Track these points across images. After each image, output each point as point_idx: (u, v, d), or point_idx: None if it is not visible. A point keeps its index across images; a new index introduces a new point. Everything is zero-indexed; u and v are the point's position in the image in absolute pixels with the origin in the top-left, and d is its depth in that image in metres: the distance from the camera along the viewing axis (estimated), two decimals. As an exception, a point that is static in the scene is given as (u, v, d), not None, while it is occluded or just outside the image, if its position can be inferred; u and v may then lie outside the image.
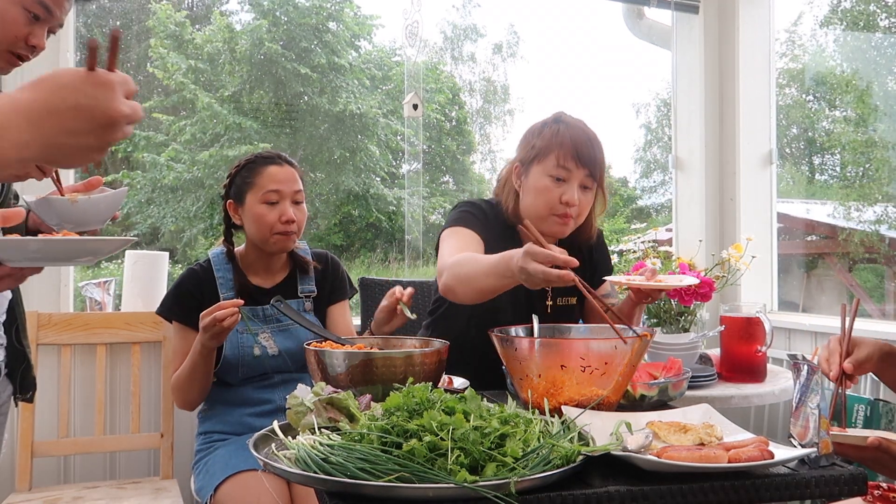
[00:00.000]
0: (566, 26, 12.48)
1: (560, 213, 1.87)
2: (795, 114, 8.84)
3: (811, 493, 1.13)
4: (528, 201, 1.92)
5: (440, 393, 1.18)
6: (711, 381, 2.16)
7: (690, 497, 1.07)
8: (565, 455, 1.08)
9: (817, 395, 1.20)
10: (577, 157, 1.85)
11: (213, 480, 1.87)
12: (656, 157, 10.35)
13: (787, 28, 8.69)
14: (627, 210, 10.09)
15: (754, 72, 3.30)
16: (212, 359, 1.96)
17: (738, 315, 2.22)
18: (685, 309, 2.25)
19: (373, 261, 9.66)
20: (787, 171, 8.67)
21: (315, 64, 10.35)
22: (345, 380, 1.44)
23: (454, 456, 1.00)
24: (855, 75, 8.16)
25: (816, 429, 1.18)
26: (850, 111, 8.43)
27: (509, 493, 0.97)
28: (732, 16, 3.30)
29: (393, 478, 0.98)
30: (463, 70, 10.99)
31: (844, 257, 7.40)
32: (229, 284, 2.06)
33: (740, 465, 1.10)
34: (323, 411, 1.26)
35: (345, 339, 1.71)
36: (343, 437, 1.13)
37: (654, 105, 10.51)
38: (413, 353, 1.46)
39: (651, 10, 3.50)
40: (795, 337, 3.02)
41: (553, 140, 1.88)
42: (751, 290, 3.19)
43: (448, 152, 11.53)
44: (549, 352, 1.39)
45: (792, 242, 7.76)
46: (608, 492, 1.05)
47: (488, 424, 1.08)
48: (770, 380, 2.24)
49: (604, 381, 1.36)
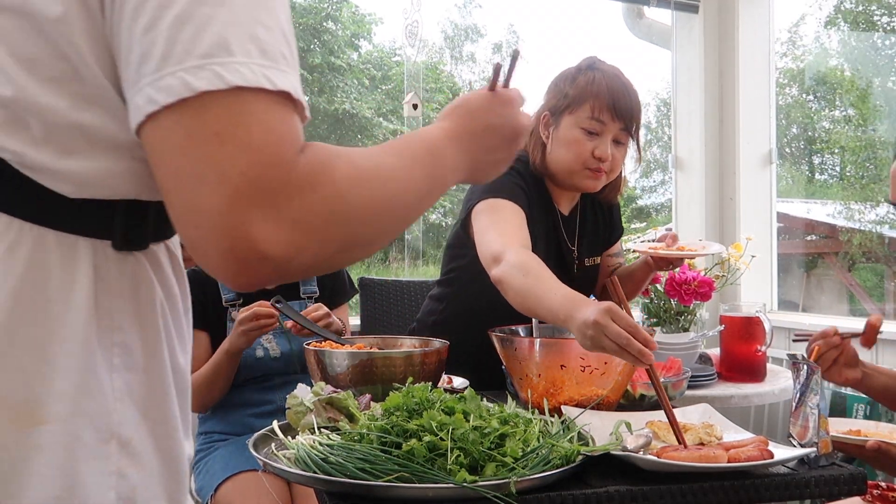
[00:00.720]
0: (566, 26, 12.49)
1: (593, 168, 1.75)
2: (795, 114, 8.84)
3: (811, 493, 1.13)
4: (557, 154, 1.78)
5: (440, 393, 1.18)
6: (711, 381, 2.16)
7: (690, 497, 1.07)
8: (565, 455, 1.08)
9: (817, 395, 1.20)
10: (613, 108, 1.71)
11: (214, 480, 1.87)
12: (656, 157, 10.35)
13: (789, 28, 8.69)
14: (627, 210, 10.09)
15: (754, 72, 3.30)
16: (237, 360, 1.95)
17: (738, 315, 2.22)
18: (685, 308, 2.25)
19: (373, 260, 9.67)
20: (787, 171, 8.67)
21: (313, 64, 10.35)
22: (345, 380, 1.44)
23: (454, 456, 1.00)
24: (855, 75, 8.16)
25: (816, 428, 1.19)
26: (851, 111, 8.42)
27: (509, 493, 0.97)
28: (732, 16, 3.30)
29: (393, 478, 0.98)
30: (463, 70, 10.99)
31: (845, 257, 7.40)
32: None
33: (740, 465, 1.10)
34: (322, 411, 1.26)
35: (345, 339, 1.71)
36: (343, 437, 1.13)
37: (654, 105, 10.51)
38: (413, 353, 1.46)
39: (651, 9, 3.50)
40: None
41: (588, 89, 1.73)
42: (751, 290, 3.19)
43: (448, 152, 11.51)
44: (548, 351, 1.39)
45: (792, 242, 7.76)
46: (608, 492, 1.05)
47: (488, 424, 1.08)
48: (770, 379, 2.24)
49: (603, 381, 1.36)
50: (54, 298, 0.62)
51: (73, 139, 0.62)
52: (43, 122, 0.61)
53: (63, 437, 0.61)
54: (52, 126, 0.61)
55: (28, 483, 0.60)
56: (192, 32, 0.55)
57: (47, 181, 0.61)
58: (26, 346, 0.60)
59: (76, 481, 0.61)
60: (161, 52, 0.55)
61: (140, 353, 0.67)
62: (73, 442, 0.61)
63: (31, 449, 0.60)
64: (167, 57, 0.55)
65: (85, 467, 0.62)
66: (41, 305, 0.61)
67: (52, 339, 0.61)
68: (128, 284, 0.66)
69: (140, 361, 0.67)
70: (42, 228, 0.61)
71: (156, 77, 0.55)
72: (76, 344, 0.62)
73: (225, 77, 0.55)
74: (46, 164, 0.61)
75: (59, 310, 0.62)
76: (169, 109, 0.55)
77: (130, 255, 0.67)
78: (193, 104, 0.55)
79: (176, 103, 0.55)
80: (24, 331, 0.60)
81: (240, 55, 0.56)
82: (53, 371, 0.61)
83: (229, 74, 0.55)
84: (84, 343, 0.63)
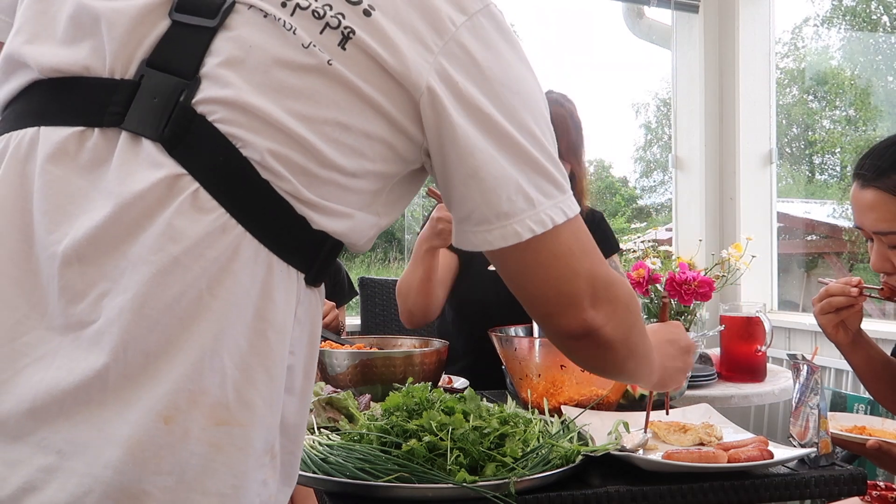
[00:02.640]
0: (566, 26, 12.48)
1: None
2: (795, 113, 8.84)
3: (811, 493, 1.13)
4: None
5: (440, 393, 1.18)
6: (711, 381, 2.15)
7: (690, 497, 1.07)
8: (565, 455, 1.08)
9: (817, 395, 1.20)
10: None
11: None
12: (656, 157, 10.35)
13: (789, 28, 8.69)
14: (628, 210, 10.09)
15: (754, 71, 3.30)
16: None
17: (738, 315, 2.22)
18: (685, 308, 2.25)
19: (373, 260, 9.66)
20: (787, 171, 8.67)
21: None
22: (344, 380, 1.44)
23: (453, 456, 1.00)
24: (854, 76, 8.16)
25: (816, 428, 1.18)
26: (851, 111, 8.42)
27: (509, 494, 0.97)
28: (732, 15, 3.30)
29: (392, 478, 0.98)
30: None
31: (845, 257, 7.39)
32: None
33: (740, 465, 1.10)
34: (322, 411, 1.26)
35: (344, 339, 1.71)
36: (342, 437, 1.13)
37: (654, 105, 10.51)
38: (413, 353, 1.46)
39: (651, 9, 3.50)
40: (795, 336, 3.02)
41: None
42: (751, 290, 3.19)
43: (448, 152, 11.51)
44: (549, 351, 1.39)
45: (792, 242, 7.75)
46: (608, 492, 1.05)
47: (488, 424, 1.08)
48: (770, 379, 2.24)
49: (603, 381, 1.36)
50: (267, 318, 0.68)
51: (338, 193, 0.72)
52: (328, 174, 0.71)
53: (241, 442, 0.66)
54: (331, 180, 0.71)
55: (202, 475, 0.64)
56: (542, 180, 0.76)
57: (303, 208, 0.70)
58: (233, 354, 0.66)
59: (241, 482, 0.66)
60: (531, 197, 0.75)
61: (299, 378, 0.74)
62: (247, 447, 0.66)
63: (211, 445, 0.64)
64: (536, 200, 0.75)
65: (251, 472, 0.67)
66: (255, 322, 0.67)
67: (256, 354, 0.67)
68: (307, 315, 0.74)
69: (297, 385, 0.74)
70: (272, 255, 0.69)
71: (531, 213, 0.75)
72: (273, 363, 0.68)
73: (566, 212, 0.77)
74: (311, 199, 0.70)
75: (268, 329, 0.68)
76: (539, 237, 0.75)
77: (313, 290, 0.75)
78: (550, 232, 0.76)
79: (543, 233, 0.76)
80: (234, 340, 0.66)
81: (565, 193, 0.78)
82: (248, 382, 0.67)
83: (568, 210, 0.77)
84: (279, 363, 0.69)
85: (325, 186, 0.71)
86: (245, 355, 0.66)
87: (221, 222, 0.66)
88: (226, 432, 0.65)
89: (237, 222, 0.67)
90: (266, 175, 0.68)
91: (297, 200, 0.70)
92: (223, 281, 0.66)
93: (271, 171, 0.68)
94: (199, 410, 0.64)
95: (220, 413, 0.65)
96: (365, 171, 0.73)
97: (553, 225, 0.76)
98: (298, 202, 0.70)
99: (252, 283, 0.67)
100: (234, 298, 0.66)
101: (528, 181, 0.75)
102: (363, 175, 0.73)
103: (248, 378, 0.67)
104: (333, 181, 0.71)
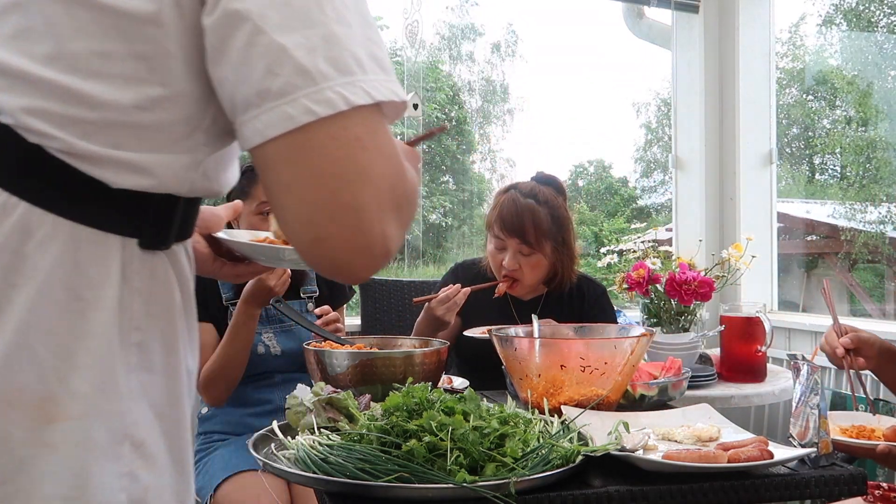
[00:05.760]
0: (566, 26, 12.48)
1: (504, 276, 2.07)
2: (795, 114, 8.84)
3: (811, 493, 1.13)
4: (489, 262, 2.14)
5: (440, 393, 1.18)
6: (711, 381, 2.15)
7: (690, 497, 1.07)
8: (565, 455, 1.08)
9: (817, 395, 1.20)
10: (503, 228, 2.03)
11: (213, 481, 1.87)
12: (656, 157, 10.35)
13: (789, 28, 8.69)
14: (628, 210, 10.09)
15: (754, 71, 3.30)
16: (253, 329, 1.86)
17: (738, 315, 2.22)
18: (685, 309, 2.25)
19: (373, 260, 9.66)
20: (787, 171, 8.67)
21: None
22: (344, 380, 1.44)
23: (454, 456, 1.00)
24: (854, 76, 8.16)
25: (816, 429, 1.18)
26: (851, 111, 8.42)
27: (509, 494, 0.97)
28: (732, 16, 3.30)
29: (392, 478, 0.98)
30: (461, 69, 10.99)
31: (845, 257, 7.40)
32: (230, 283, 2.06)
33: (740, 465, 1.10)
34: (322, 411, 1.26)
35: (344, 339, 1.71)
36: (342, 437, 1.13)
37: (655, 105, 10.51)
38: (413, 353, 1.46)
39: (651, 9, 3.50)
40: (795, 337, 3.01)
41: (493, 211, 2.10)
42: (751, 290, 3.19)
43: (448, 152, 11.52)
44: (548, 352, 1.39)
45: (792, 242, 7.76)
46: (608, 492, 1.05)
47: (488, 424, 1.07)
48: (770, 380, 2.24)
49: (604, 381, 1.36)
50: (83, 296, 0.61)
51: (128, 136, 0.62)
52: (102, 116, 0.61)
53: (76, 436, 0.60)
54: (110, 122, 0.61)
55: (39, 480, 0.59)
56: (337, 52, 0.60)
57: (91, 168, 0.61)
58: (47, 343, 0.60)
59: (87, 481, 0.60)
60: (314, 69, 0.59)
61: (157, 354, 0.66)
62: (86, 441, 0.61)
63: (43, 446, 0.59)
64: (324, 74, 0.59)
65: (97, 467, 0.61)
66: (68, 302, 0.61)
67: (76, 337, 0.61)
68: (150, 284, 0.66)
69: (157, 362, 0.66)
70: (76, 224, 0.61)
71: (314, 90, 0.58)
72: (98, 342, 0.62)
73: (371, 93, 0.60)
74: (95, 152, 0.61)
75: (86, 307, 0.61)
76: (323, 120, 0.59)
77: (154, 253, 0.66)
78: (344, 115, 0.59)
79: (333, 115, 0.59)
80: (47, 327, 0.60)
81: (370, 73, 0.61)
82: (72, 369, 0.60)
83: (373, 91, 0.60)
84: (106, 342, 0.62)
85: (107, 132, 0.61)
86: (63, 341, 0.60)
87: (0, 203, 0.59)
88: (58, 429, 0.60)
89: (19, 198, 0.60)
90: (34, 138, 0.60)
91: (76, 158, 0.61)
92: (19, 267, 0.59)
93: (35, 131, 0.60)
94: (18, 411, 0.59)
95: (48, 409, 0.59)
96: (150, 100, 0.62)
97: (349, 107, 0.59)
98: (80, 160, 0.61)
99: (57, 263, 0.60)
100: (36, 284, 0.59)
101: (308, 49, 0.59)
102: (151, 105, 0.62)
103: (70, 365, 0.60)
104: (115, 122, 0.61)
